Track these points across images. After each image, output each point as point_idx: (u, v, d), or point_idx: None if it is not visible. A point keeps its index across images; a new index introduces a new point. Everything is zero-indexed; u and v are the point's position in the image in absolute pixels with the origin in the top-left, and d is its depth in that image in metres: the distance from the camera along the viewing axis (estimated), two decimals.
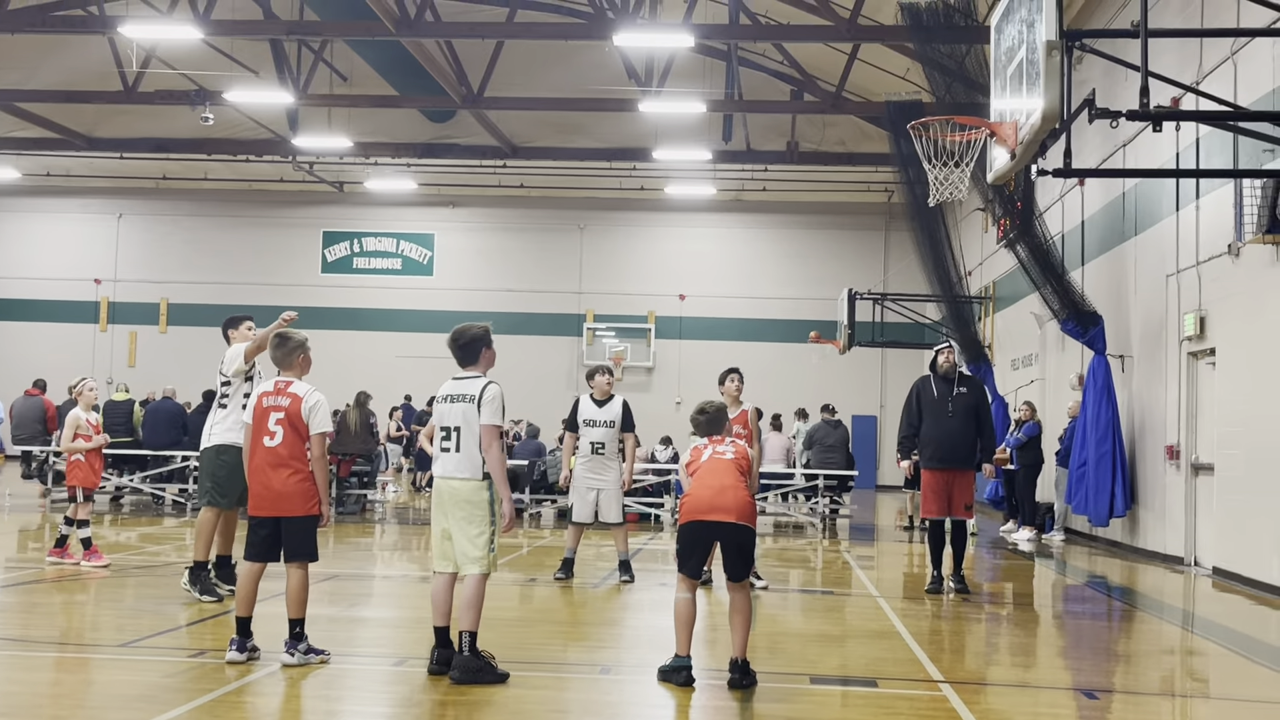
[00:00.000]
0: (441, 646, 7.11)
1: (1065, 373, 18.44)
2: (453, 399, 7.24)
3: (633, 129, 27.60)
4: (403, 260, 32.85)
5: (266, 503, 7.28)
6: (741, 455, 7.37)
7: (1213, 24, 12.77)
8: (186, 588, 9.47)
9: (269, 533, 7.29)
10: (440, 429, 7.27)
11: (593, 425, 11.36)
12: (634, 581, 11.22)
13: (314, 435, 7.32)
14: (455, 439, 7.16)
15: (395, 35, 20.12)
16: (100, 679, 7.11)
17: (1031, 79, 8.91)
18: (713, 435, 7.55)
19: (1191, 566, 13.74)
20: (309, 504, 7.29)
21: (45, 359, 29.08)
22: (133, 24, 20.59)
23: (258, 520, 7.31)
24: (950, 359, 11.43)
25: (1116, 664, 8.53)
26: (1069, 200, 18.45)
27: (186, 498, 18.53)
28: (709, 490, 7.15)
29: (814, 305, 29.86)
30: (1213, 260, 13.09)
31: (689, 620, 7.09)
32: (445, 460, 7.21)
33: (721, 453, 7.35)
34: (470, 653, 6.95)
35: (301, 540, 7.29)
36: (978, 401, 11.38)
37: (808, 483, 18.53)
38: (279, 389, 7.40)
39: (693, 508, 7.16)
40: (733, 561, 7.10)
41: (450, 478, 7.16)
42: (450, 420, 7.20)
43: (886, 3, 19.71)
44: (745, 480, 7.27)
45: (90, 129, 28.52)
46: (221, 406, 9.73)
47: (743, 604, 7.09)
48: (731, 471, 7.23)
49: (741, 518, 7.08)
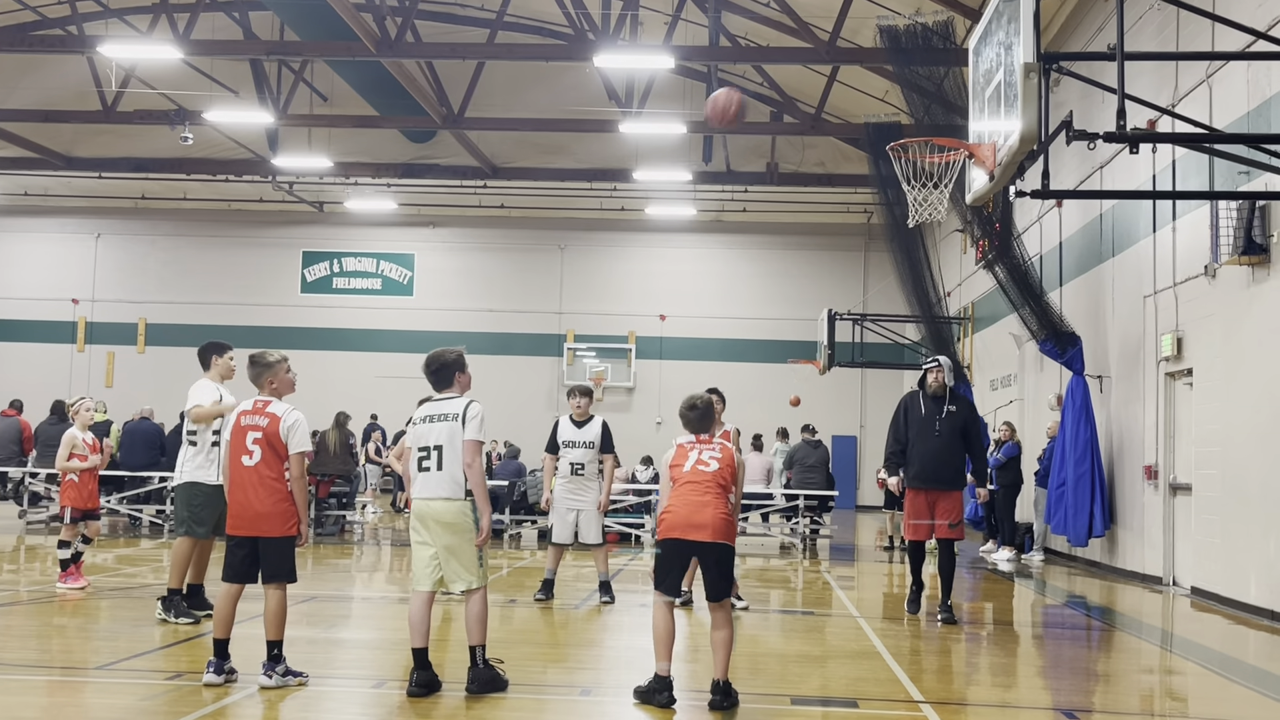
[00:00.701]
0: (420, 669, 7.06)
1: (1044, 393, 18.52)
2: (433, 419, 7.23)
3: (613, 150, 27.67)
4: (383, 280, 32.80)
5: (245, 522, 7.23)
6: (727, 465, 7.19)
7: (1188, 47, 12.90)
8: (160, 616, 9.41)
9: (247, 553, 7.24)
10: (420, 449, 7.23)
11: (572, 446, 11.31)
12: (614, 602, 11.19)
13: (293, 455, 7.28)
14: (436, 457, 7.15)
15: (376, 56, 20.13)
16: (77, 702, 7.05)
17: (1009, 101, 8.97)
18: (700, 434, 7.40)
19: (1170, 586, 13.79)
20: (287, 524, 7.25)
21: (22, 379, 28.84)
22: (112, 44, 20.54)
23: (236, 540, 7.26)
24: (939, 379, 11.07)
25: (1096, 684, 8.54)
26: (1047, 221, 18.56)
27: (164, 519, 18.40)
28: (687, 507, 7.06)
29: (794, 325, 29.94)
30: (1189, 281, 13.18)
31: (668, 638, 7.04)
32: (426, 480, 7.17)
33: (705, 463, 7.18)
34: (484, 665, 7.07)
35: (279, 561, 7.24)
36: (966, 422, 11.09)
37: (788, 503, 18.53)
38: (257, 408, 7.37)
39: (671, 524, 7.08)
40: (713, 580, 7.05)
41: (433, 498, 7.14)
42: (431, 439, 7.18)
43: (865, 25, 19.84)
44: (727, 495, 7.15)
45: (69, 148, 28.41)
46: (191, 444, 9.56)
47: (724, 624, 7.03)
48: (712, 487, 7.11)
49: (719, 536, 7.01)
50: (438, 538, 7.12)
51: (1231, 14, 11.32)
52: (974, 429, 11.19)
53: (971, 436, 11.09)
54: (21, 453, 19.70)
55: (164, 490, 18.47)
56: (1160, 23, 13.79)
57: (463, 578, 7.11)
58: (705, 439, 7.40)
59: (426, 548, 7.19)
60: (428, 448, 7.20)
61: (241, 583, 7.28)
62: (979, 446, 11.26)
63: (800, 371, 27.48)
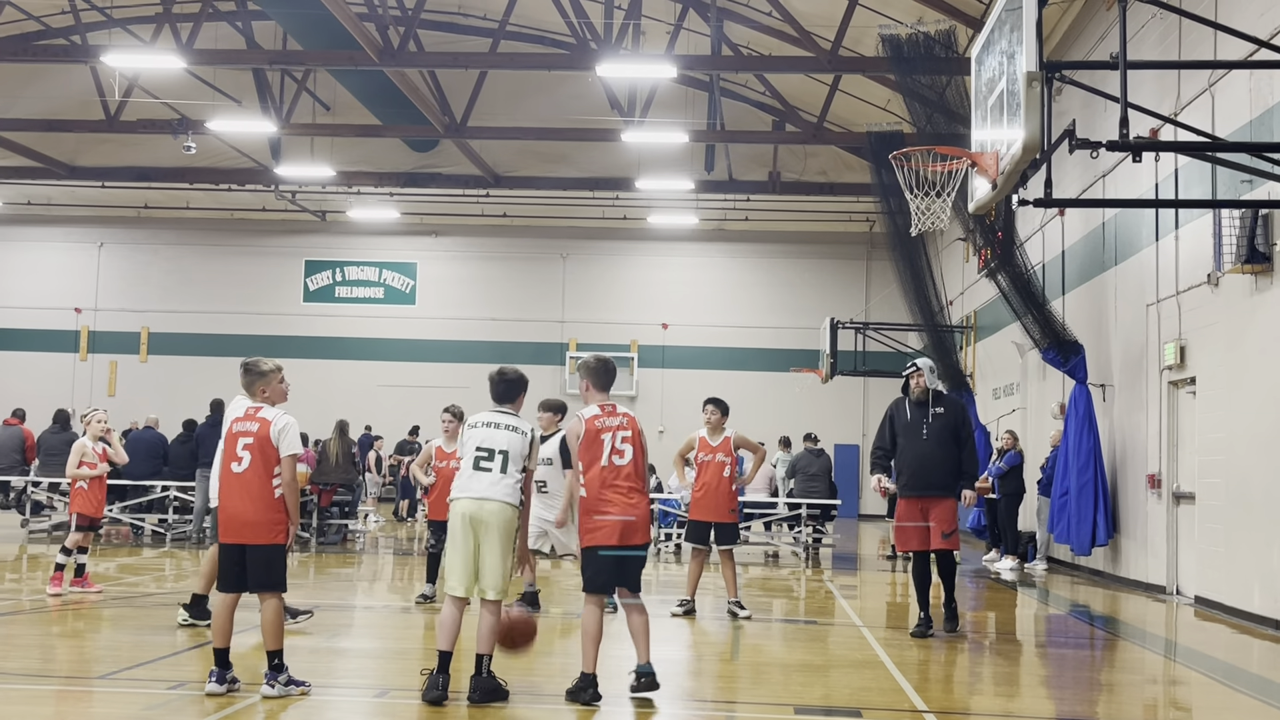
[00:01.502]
0: (443, 672, 7.04)
1: (1047, 402, 18.50)
2: (497, 425, 7.34)
3: (615, 159, 27.69)
4: (385, 289, 32.81)
5: (233, 530, 7.22)
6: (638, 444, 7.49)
7: (1190, 56, 12.90)
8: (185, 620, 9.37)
9: (239, 562, 7.22)
10: (480, 449, 7.24)
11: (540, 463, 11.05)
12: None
13: (284, 457, 7.24)
14: (501, 461, 7.21)
15: (378, 65, 20.16)
16: (79, 711, 7.04)
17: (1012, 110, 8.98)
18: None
19: (1174, 595, 13.76)
20: (274, 532, 7.20)
21: (24, 388, 28.84)
22: (115, 53, 20.57)
23: (228, 550, 7.24)
24: (920, 383, 10.60)
25: (1100, 693, 8.52)
26: (1049, 230, 18.55)
27: (166, 528, 18.40)
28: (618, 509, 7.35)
29: (796, 334, 29.93)
30: (1192, 290, 13.17)
31: (596, 638, 7.21)
32: (483, 480, 7.19)
33: (620, 450, 7.42)
34: (489, 674, 7.10)
35: (267, 570, 7.19)
36: (957, 423, 10.57)
37: (791, 512, 18.51)
38: (249, 414, 7.37)
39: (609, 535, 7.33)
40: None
41: (489, 499, 7.16)
42: (496, 444, 7.26)
43: (867, 34, 19.85)
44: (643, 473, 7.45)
45: (72, 158, 28.45)
46: None
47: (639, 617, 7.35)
48: (634, 479, 7.40)
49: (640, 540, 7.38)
50: (486, 536, 7.12)
51: (1233, 23, 11.34)
52: (965, 430, 10.66)
53: (963, 437, 10.57)
54: (24, 462, 19.69)
55: (166, 499, 18.48)
56: (1162, 31, 13.80)
57: (497, 587, 7.12)
58: (610, 409, 7.55)
59: (464, 551, 7.14)
60: (490, 450, 7.23)
61: (236, 592, 7.27)
62: (970, 449, 10.66)
63: (803, 380, 27.47)
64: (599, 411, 7.47)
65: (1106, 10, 15.67)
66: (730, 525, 11.61)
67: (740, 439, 11.63)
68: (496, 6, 23.57)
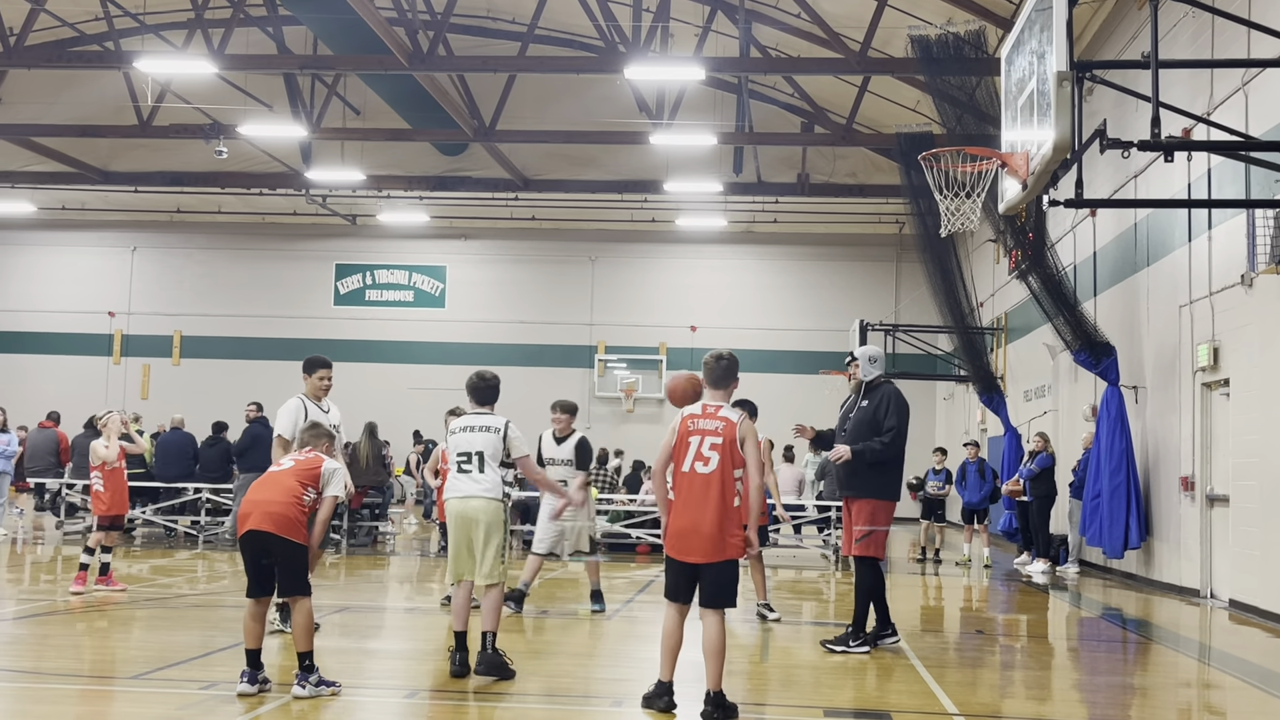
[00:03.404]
0: (461, 649, 7.87)
1: (1078, 404, 18.38)
2: (472, 429, 8.09)
3: (644, 161, 27.70)
4: (415, 292, 32.94)
5: (258, 518, 7.22)
6: (729, 442, 6.91)
7: (1223, 55, 12.79)
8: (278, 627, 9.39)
9: (264, 568, 7.28)
10: (460, 454, 8.00)
11: (552, 464, 11.09)
12: (604, 610, 11.19)
13: (326, 497, 7.51)
14: (478, 462, 7.98)
15: (408, 69, 20.25)
16: (112, 711, 7.09)
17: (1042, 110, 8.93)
18: (719, 388, 7.16)
19: (1208, 599, 13.64)
20: (300, 533, 7.29)
21: (59, 391, 29.17)
22: (148, 59, 20.75)
23: (251, 553, 7.28)
24: (854, 374, 9.81)
25: (1133, 697, 8.45)
26: (1081, 231, 18.44)
27: (198, 530, 18.53)
28: (684, 521, 6.92)
29: (825, 336, 29.87)
30: (1225, 291, 13.06)
31: (673, 646, 7.03)
32: (466, 481, 7.97)
33: (707, 458, 6.89)
34: (493, 650, 7.79)
35: (292, 574, 7.27)
36: (875, 408, 9.47)
37: (820, 514, 18.45)
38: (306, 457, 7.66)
39: (672, 543, 7.02)
40: (706, 590, 6.96)
41: (473, 496, 7.93)
42: (473, 446, 8.00)
43: (897, 35, 19.80)
44: (734, 489, 6.86)
45: (105, 163, 28.72)
46: None
47: (715, 632, 6.91)
48: (710, 493, 6.85)
49: (714, 557, 6.86)
50: (474, 533, 7.90)
51: (1268, 20, 11.22)
52: (888, 415, 9.39)
53: (881, 423, 9.39)
54: (59, 464, 19.90)
55: (199, 501, 18.61)
56: (1195, 30, 13.69)
57: (489, 574, 7.89)
58: (712, 411, 7.04)
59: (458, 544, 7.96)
60: (467, 453, 7.99)
61: (264, 596, 7.33)
62: (889, 432, 9.35)
63: (832, 383, 27.38)
64: (698, 411, 7.10)
65: (1138, 9, 15.56)
66: (759, 528, 11.57)
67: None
68: (525, 10, 23.65)
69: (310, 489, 7.38)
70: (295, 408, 9.30)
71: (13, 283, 33.17)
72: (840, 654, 9.33)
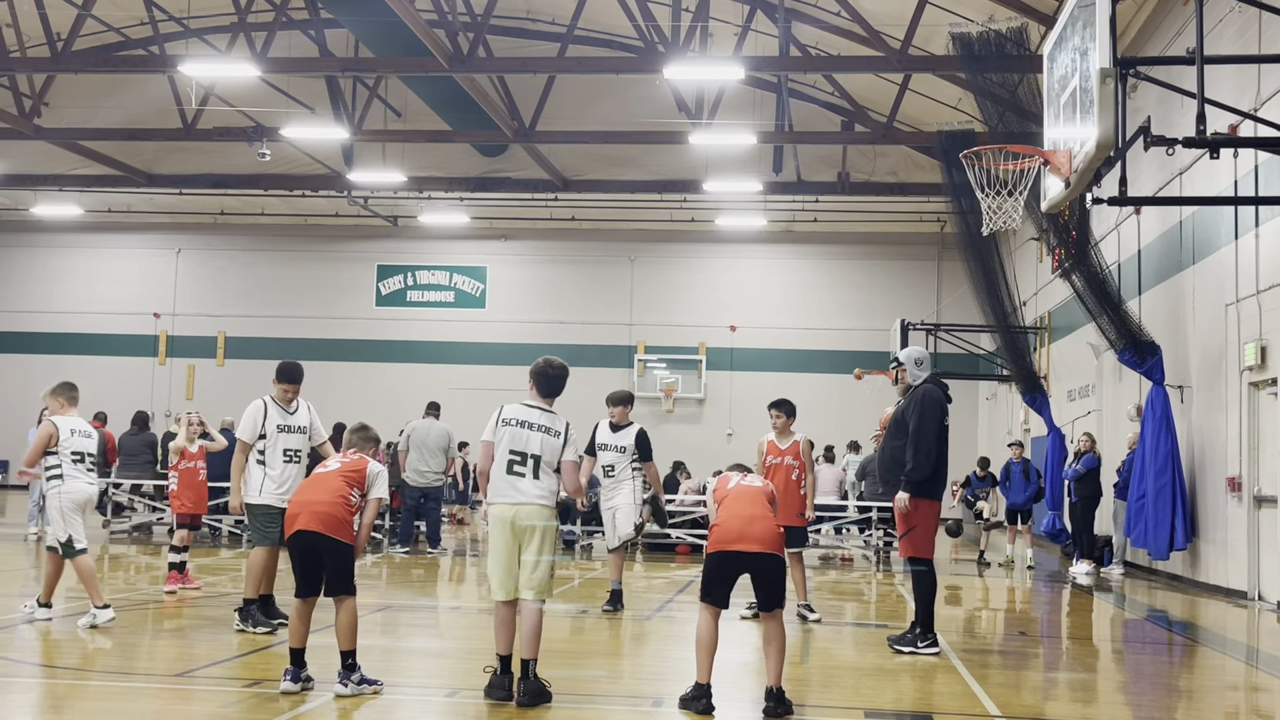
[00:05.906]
0: (506, 673, 7.19)
1: (1123, 404, 18.20)
2: (531, 426, 7.36)
3: (683, 161, 27.68)
4: (456, 293, 33.09)
5: (303, 518, 7.31)
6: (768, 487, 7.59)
7: (1271, 49, 12.63)
8: (239, 626, 9.55)
9: (312, 568, 7.34)
10: (513, 452, 7.29)
11: (605, 449, 11.48)
12: (618, 611, 11.19)
13: (370, 499, 7.56)
14: (533, 465, 7.27)
15: (448, 71, 20.34)
16: (157, 709, 7.17)
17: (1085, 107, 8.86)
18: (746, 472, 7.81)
19: (1255, 601, 13.47)
20: (347, 533, 7.37)
21: (105, 391, 29.42)
22: (192, 63, 20.95)
23: (299, 554, 7.35)
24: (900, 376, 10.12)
25: (1178, 700, 8.36)
26: (1125, 229, 18.26)
27: (242, 529, 18.69)
28: (739, 520, 7.18)
29: (866, 336, 29.73)
30: (1273, 289, 12.89)
31: (710, 648, 7.07)
32: (518, 484, 7.26)
33: (751, 481, 7.53)
34: (535, 678, 7.09)
35: (339, 573, 7.33)
36: (904, 410, 9.72)
37: (860, 515, 18.38)
38: (350, 458, 7.70)
39: (721, 538, 7.19)
40: (764, 591, 7.14)
41: (526, 503, 7.24)
42: (530, 448, 7.31)
43: (937, 33, 19.67)
44: (772, 509, 7.39)
45: (150, 166, 29.04)
46: (260, 464, 9.74)
47: (777, 633, 7.09)
48: (760, 500, 7.34)
49: (770, 547, 7.13)
50: (526, 541, 7.22)
51: None
52: (915, 418, 9.54)
53: (907, 426, 9.55)
54: (106, 464, 20.11)
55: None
56: (1241, 25, 13.52)
57: (538, 588, 7.24)
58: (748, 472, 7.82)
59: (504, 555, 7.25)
60: (523, 454, 7.29)
61: (312, 596, 7.39)
62: (916, 439, 9.48)
63: (874, 382, 27.24)
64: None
65: (1183, 4, 15.38)
66: (799, 529, 11.55)
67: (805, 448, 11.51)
68: (564, 11, 23.69)
69: (356, 489, 7.46)
70: (256, 409, 9.81)
71: (60, 284, 33.60)
72: (908, 654, 9.29)
